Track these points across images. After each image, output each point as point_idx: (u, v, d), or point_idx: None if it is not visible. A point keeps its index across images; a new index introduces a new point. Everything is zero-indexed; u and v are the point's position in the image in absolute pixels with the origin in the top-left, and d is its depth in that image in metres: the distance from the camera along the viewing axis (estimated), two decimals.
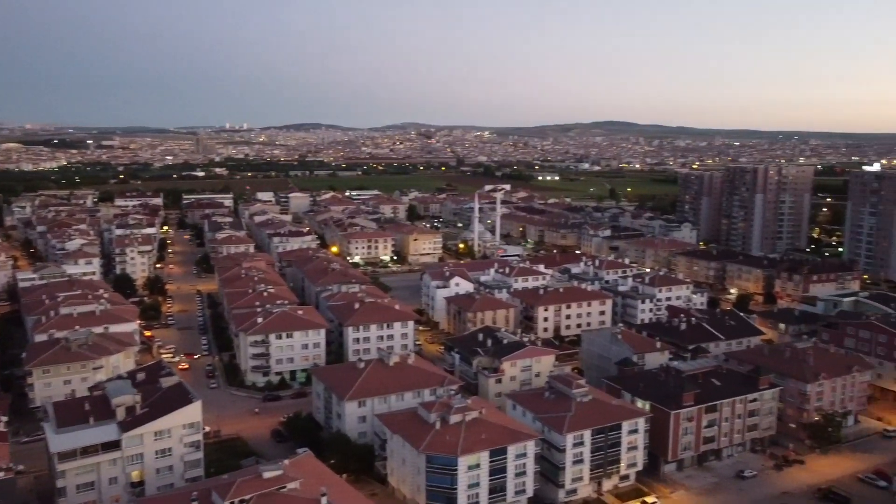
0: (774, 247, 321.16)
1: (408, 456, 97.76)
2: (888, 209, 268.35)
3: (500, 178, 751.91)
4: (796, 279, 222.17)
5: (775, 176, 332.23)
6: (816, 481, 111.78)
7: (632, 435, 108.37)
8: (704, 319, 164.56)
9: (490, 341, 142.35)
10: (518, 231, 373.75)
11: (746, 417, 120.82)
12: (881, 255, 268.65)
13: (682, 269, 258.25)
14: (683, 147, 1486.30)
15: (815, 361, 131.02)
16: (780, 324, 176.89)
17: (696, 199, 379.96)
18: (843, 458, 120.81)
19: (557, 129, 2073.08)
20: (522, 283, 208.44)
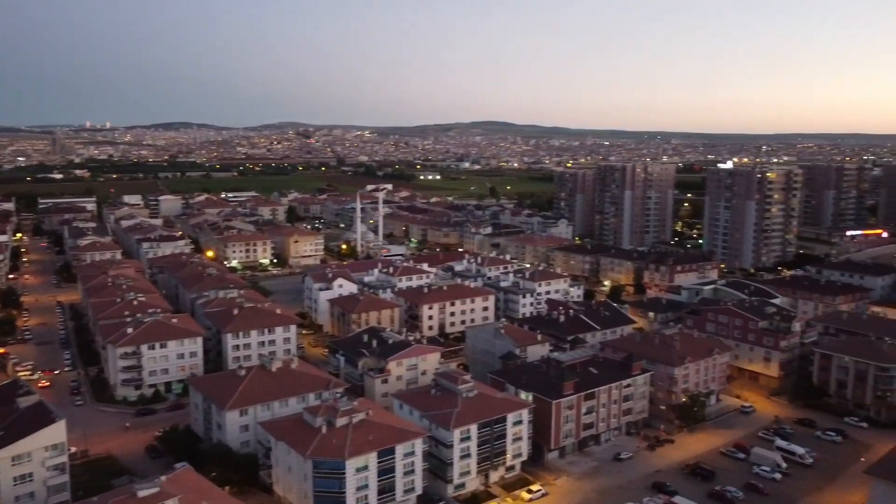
0: (643, 240, 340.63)
1: (294, 463, 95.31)
2: (740, 203, 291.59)
3: (382, 178, 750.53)
4: (663, 270, 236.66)
5: (642, 174, 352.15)
6: (685, 458, 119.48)
7: (516, 426, 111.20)
8: (581, 311, 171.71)
9: (375, 342, 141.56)
10: (401, 230, 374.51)
11: (622, 402, 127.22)
12: (735, 245, 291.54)
13: (560, 263, 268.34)
14: (558, 146, 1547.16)
15: (681, 346, 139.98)
16: (649, 312, 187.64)
17: (571, 196, 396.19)
18: (707, 434, 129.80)
19: (438, 128, 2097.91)
20: (406, 282, 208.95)
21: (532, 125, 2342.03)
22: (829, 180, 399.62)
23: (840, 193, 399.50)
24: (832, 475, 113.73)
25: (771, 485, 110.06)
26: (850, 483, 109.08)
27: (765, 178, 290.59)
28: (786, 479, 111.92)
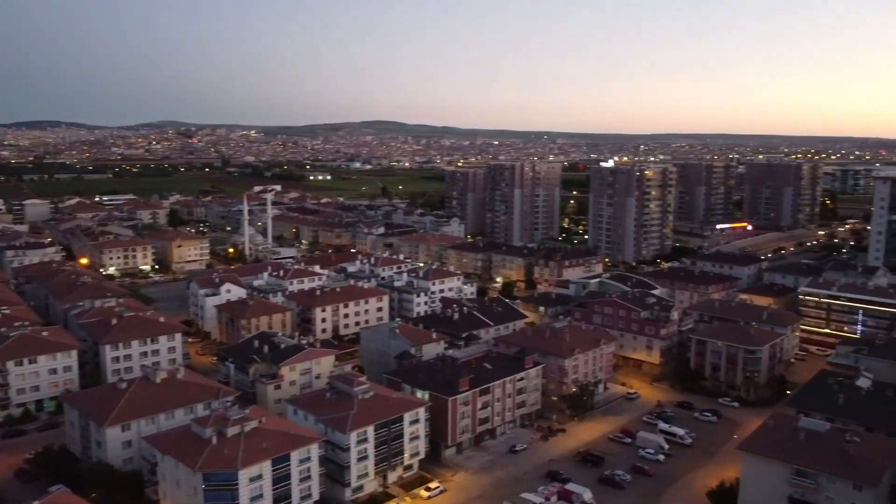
0: (532, 237, 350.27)
1: (182, 477, 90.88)
2: (621, 200, 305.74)
3: (270, 179, 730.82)
4: (552, 266, 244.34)
5: (530, 172, 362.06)
6: (576, 445, 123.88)
7: (414, 425, 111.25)
8: (475, 308, 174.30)
9: (267, 347, 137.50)
10: (291, 232, 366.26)
11: (516, 396, 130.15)
12: (618, 240, 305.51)
13: (453, 261, 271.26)
14: (449, 146, 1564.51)
15: (570, 339, 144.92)
16: (540, 307, 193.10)
17: (462, 195, 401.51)
18: (597, 422, 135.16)
19: (328, 128, 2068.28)
20: (298, 285, 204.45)
21: (423, 125, 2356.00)
22: (700, 177, 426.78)
23: (710, 190, 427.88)
24: (709, 453, 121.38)
25: (655, 466, 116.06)
26: (725, 459, 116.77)
27: (643, 177, 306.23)
28: (668, 460, 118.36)
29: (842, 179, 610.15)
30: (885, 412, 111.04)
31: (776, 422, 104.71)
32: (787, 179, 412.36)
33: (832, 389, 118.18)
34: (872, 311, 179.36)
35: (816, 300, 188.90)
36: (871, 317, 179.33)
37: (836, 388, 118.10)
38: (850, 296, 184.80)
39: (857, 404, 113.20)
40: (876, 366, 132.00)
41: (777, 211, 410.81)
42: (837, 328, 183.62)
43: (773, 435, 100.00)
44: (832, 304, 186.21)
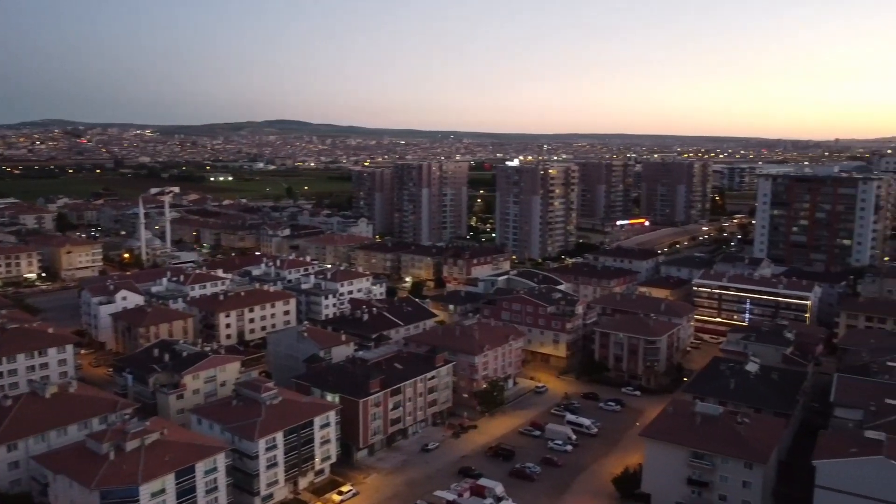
0: (441, 236, 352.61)
1: (77, 496, 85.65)
2: (527, 198, 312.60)
3: (168, 180, 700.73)
4: (460, 264, 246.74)
5: (437, 171, 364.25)
6: (488, 441, 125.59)
7: (324, 429, 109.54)
8: (385, 308, 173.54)
9: (167, 356, 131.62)
10: (191, 235, 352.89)
11: (427, 395, 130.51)
12: (524, 238, 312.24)
13: (362, 262, 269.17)
14: (355, 146, 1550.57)
15: (480, 335, 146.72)
16: (449, 305, 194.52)
17: (369, 194, 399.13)
18: (507, 417, 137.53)
19: (228, 127, 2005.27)
20: (200, 290, 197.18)
21: (328, 124, 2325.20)
22: (600, 176, 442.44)
23: (610, 187, 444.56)
24: (614, 441, 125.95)
25: (564, 456, 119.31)
26: (629, 446, 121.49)
27: (547, 175, 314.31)
28: (576, 450, 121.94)
29: (729, 177, 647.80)
30: (771, 394, 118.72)
31: (674, 408, 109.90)
32: (681, 177, 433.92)
33: (724, 375, 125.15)
34: (758, 300, 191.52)
35: (708, 291, 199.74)
36: (757, 305, 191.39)
37: (727, 374, 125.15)
38: (738, 286, 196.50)
39: (746, 388, 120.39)
40: (762, 351, 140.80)
41: (672, 207, 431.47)
42: (728, 317, 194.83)
43: (672, 420, 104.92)
44: (723, 295, 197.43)
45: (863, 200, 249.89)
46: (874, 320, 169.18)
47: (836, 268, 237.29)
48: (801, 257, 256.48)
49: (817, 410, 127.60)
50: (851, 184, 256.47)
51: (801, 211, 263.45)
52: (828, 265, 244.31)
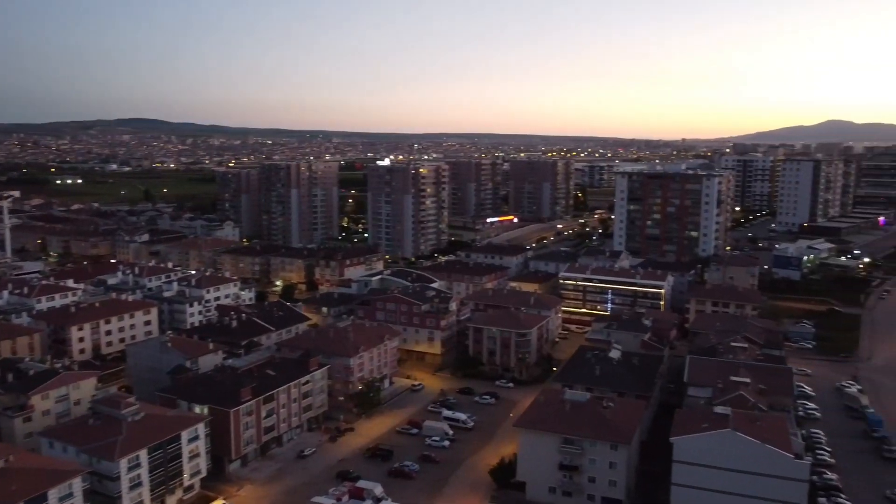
0: (312, 237, 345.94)
1: None
2: (399, 198, 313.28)
3: (7, 184, 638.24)
4: (333, 265, 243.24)
5: (307, 172, 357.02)
6: (366, 442, 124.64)
7: (193, 443, 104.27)
8: (254, 314, 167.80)
9: (11, 375, 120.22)
10: (36, 244, 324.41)
11: (301, 400, 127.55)
12: (397, 237, 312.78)
13: (229, 267, 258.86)
14: (218, 146, 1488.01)
15: (355, 337, 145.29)
16: (322, 308, 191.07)
17: (235, 196, 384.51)
18: (384, 417, 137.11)
19: (76, 126, 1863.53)
20: (48, 302, 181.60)
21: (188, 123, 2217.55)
22: (470, 174, 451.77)
23: (480, 186, 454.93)
24: (490, 433, 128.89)
25: (441, 452, 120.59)
26: (504, 437, 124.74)
27: (418, 174, 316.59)
28: (453, 445, 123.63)
29: (590, 175, 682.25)
30: (632, 378, 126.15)
31: (545, 397, 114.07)
32: (546, 176, 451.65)
33: (590, 362, 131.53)
34: (619, 291, 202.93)
35: (574, 284, 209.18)
36: (618, 295, 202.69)
37: (593, 361, 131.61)
38: (600, 278, 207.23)
39: (610, 374, 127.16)
40: (623, 338, 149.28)
41: (538, 204, 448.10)
42: (592, 307, 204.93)
43: (544, 409, 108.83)
44: (587, 287, 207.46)
45: (707, 195, 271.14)
46: (719, 305, 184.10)
47: (686, 258, 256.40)
48: (656, 249, 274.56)
49: (673, 391, 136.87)
50: (697, 180, 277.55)
51: (654, 206, 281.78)
52: (678, 256, 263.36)
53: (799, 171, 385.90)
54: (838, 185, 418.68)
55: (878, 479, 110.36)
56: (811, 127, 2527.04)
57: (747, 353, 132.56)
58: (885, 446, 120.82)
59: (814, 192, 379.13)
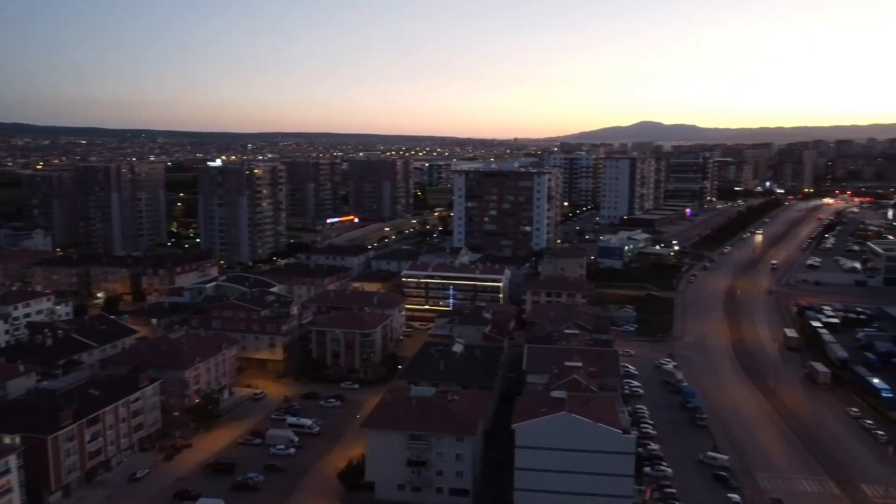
0: (137, 244, 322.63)
1: None
2: (233, 200, 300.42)
3: None
4: (162, 273, 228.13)
5: (129, 174, 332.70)
6: (205, 458, 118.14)
7: (3, 477, 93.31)
8: (73, 330, 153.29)
9: None
10: None
11: (131, 419, 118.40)
12: (232, 241, 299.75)
13: (40, 279, 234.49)
14: (23, 146, 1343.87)
15: (189, 348, 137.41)
16: (152, 319, 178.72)
17: (46, 202, 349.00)
18: (225, 429, 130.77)
19: None
20: None
21: None
22: (309, 175, 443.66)
23: (319, 186, 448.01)
24: (337, 437, 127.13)
25: (287, 461, 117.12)
26: (351, 439, 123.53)
27: (253, 175, 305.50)
28: (300, 452, 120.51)
29: (429, 173, 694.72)
30: (476, 370, 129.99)
31: (391, 395, 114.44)
32: (385, 175, 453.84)
33: (434, 358, 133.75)
34: (460, 286, 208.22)
35: (416, 281, 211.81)
36: (459, 290, 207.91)
37: (437, 357, 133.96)
38: (441, 274, 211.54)
39: (454, 367, 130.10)
40: (466, 332, 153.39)
41: (379, 203, 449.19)
42: (434, 303, 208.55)
43: (390, 408, 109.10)
44: (429, 283, 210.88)
45: (538, 192, 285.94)
46: (552, 295, 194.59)
47: (521, 252, 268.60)
48: (494, 244, 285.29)
49: (514, 379, 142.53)
50: (529, 178, 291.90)
51: (490, 203, 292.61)
52: (515, 250, 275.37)
53: (618, 169, 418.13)
54: (651, 181, 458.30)
55: (693, 445, 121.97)
56: (627, 127, 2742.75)
57: (579, 339, 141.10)
58: (697, 415, 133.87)
59: (631, 187, 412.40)
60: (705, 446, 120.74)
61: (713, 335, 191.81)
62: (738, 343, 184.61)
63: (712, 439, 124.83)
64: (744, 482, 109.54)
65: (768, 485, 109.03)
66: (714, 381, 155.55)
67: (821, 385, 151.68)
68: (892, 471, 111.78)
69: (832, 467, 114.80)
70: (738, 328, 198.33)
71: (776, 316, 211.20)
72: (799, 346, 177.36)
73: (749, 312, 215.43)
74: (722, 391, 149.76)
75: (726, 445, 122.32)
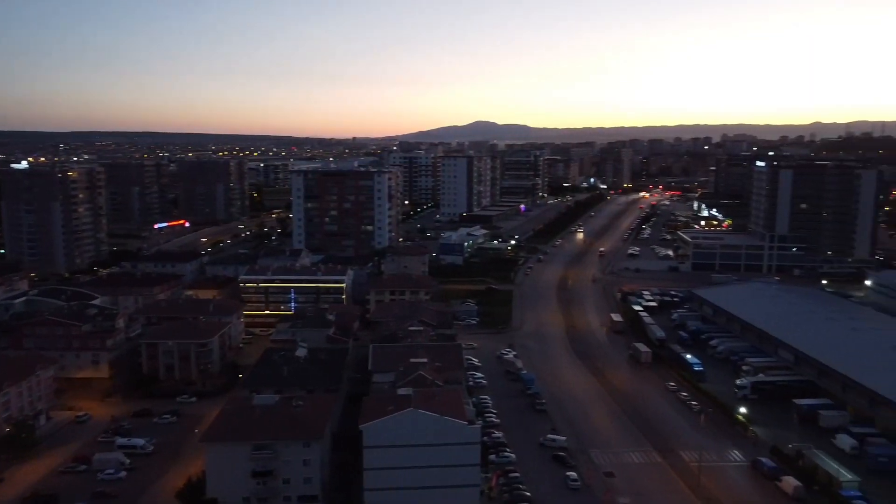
0: None
1: None
2: (44, 206, 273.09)
3: None
4: None
5: None
6: (20, 492, 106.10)
7: None
8: None
9: None
10: None
11: None
12: (45, 251, 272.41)
13: None
14: None
15: None
16: None
17: None
18: (44, 459, 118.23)
19: None
20: None
21: None
22: (132, 177, 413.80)
23: (145, 189, 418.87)
24: (174, 455, 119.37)
25: (118, 486, 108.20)
26: (190, 456, 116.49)
27: (67, 178, 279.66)
28: (132, 475, 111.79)
29: (265, 174, 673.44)
30: (321, 374, 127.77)
31: (232, 406, 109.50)
32: (218, 176, 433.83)
33: (277, 364, 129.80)
34: (302, 289, 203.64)
35: (255, 286, 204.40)
36: (301, 293, 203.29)
37: (280, 362, 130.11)
38: (282, 277, 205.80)
39: (298, 372, 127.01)
40: (309, 335, 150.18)
41: (212, 206, 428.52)
42: (276, 308, 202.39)
43: (231, 419, 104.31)
44: (269, 288, 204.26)
45: (379, 191, 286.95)
46: (396, 293, 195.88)
47: (364, 251, 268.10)
48: (335, 244, 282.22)
49: (360, 380, 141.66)
50: (369, 177, 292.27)
51: (330, 203, 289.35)
52: (357, 249, 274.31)
53: (456, 167, 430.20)
54: (488, 179, 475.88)
55: (534, 429, 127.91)
56: (463, 127, 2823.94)
57: (423, 336, 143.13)
58: (536, 401, 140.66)
59: (469, 184, 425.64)
60: (545, 429, 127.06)
61: (549, 324, 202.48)
62: (571, 330, 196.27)
63: (551, 422, 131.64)
64: (580, 460, 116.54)
65: (602, 460, 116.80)
66: (551, 367, 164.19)
67: (643, 364, 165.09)
68: (704, 437, 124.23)
69: (655, 438, 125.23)
70: (571, 315, 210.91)
71: (603, 302, 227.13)
72: (624, 329, 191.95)
73: (579, 300, 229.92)
74: (558, 376, 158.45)
75: (564, 427, 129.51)
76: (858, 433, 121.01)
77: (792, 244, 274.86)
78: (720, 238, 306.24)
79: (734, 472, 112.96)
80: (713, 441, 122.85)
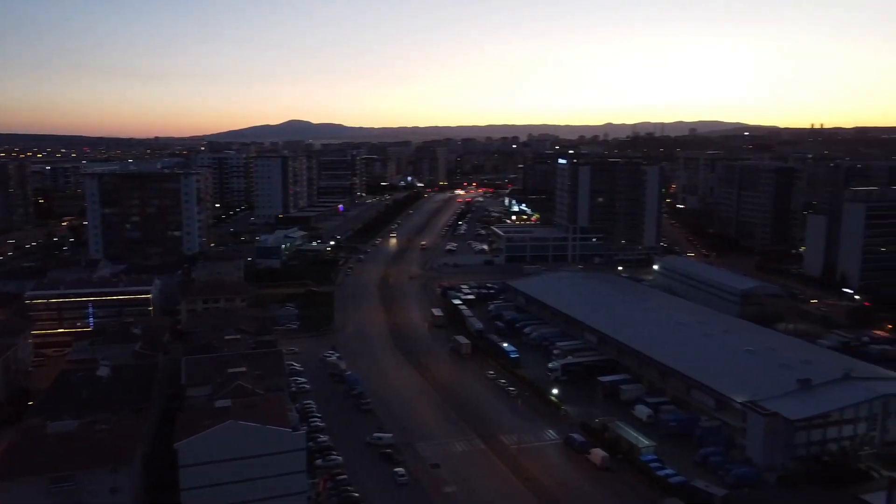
0: None
1: None
2: None
3: None
4: None
5: None
6: None
7: None
8: None
9: None
10: None
11: None
12: None
13: None
14: None
15: None
16: None
17: None
18: None
19: None
20: None
21: None
22: None
23: None
24: None
25: None
26: None
27: None
28: None
29: (53, 177, 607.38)
30: (127, 393, 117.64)
31: (23, 436, 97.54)
32: None
33: (75, 386, 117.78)
34: (101, 302, 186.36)
35: (45, 302, 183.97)
36: (101, 307, 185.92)
37: (78, 384, 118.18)
38: (77, 291, 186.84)
39: (100, 394, 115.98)
40: (112, 352, 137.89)
41: None
42: (72, 325, 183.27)
43: (22, 451, 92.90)
44: (62, 304, 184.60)
45: (186, 194, 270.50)
46: (210, 301, 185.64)
47: (173, 258, 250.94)
48: (139, 252, 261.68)
49: (174, 395, 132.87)
50: (175, 179, 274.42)
51: (132, 207, 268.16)
52: (164, 257, 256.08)
53: (270, 167, 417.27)
54: (304, 179, 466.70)
55: (360, 429, 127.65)
56: (276, 126, 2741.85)
57: (241, 344, 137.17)
58: (361, 401, 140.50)
59: (284, 185, 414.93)
60: (371, 429, 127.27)
61: (371, 323, 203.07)
62: (393, 327, 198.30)
63: (377, 421, 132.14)
64: (407, 455, 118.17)
65: (428, 453, 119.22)
66: (375, 366, 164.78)
67: (464, 355, 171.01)
68: (522, 420, 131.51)
69: (478, 426, 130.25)
70: (393, 313, 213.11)
71: (424, 298, 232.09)
72: (444, 324, 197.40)
73: (401, 297, 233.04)
74: (383, 374, 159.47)
75: (390, 424, 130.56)
76: (653, 403, 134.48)
77: (592, 235, 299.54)
78: (530, 231, 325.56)
79: (550, 449, 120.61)
80: (530, 423, 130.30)
